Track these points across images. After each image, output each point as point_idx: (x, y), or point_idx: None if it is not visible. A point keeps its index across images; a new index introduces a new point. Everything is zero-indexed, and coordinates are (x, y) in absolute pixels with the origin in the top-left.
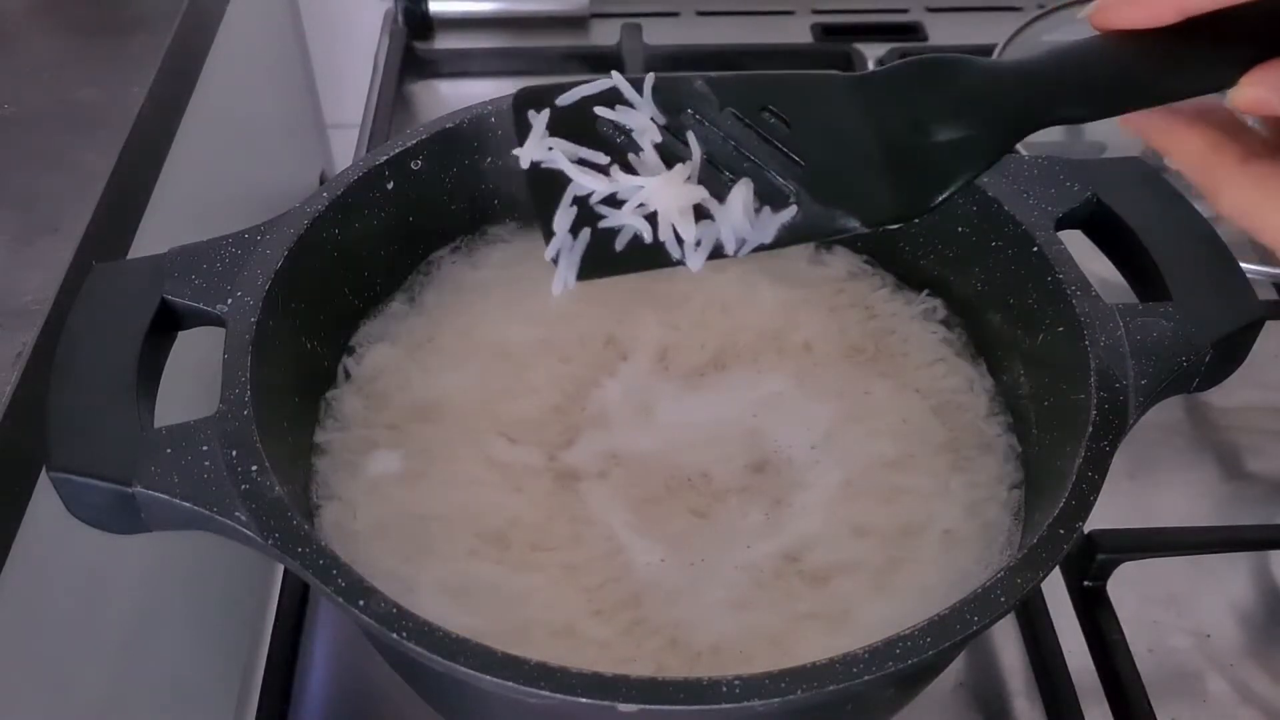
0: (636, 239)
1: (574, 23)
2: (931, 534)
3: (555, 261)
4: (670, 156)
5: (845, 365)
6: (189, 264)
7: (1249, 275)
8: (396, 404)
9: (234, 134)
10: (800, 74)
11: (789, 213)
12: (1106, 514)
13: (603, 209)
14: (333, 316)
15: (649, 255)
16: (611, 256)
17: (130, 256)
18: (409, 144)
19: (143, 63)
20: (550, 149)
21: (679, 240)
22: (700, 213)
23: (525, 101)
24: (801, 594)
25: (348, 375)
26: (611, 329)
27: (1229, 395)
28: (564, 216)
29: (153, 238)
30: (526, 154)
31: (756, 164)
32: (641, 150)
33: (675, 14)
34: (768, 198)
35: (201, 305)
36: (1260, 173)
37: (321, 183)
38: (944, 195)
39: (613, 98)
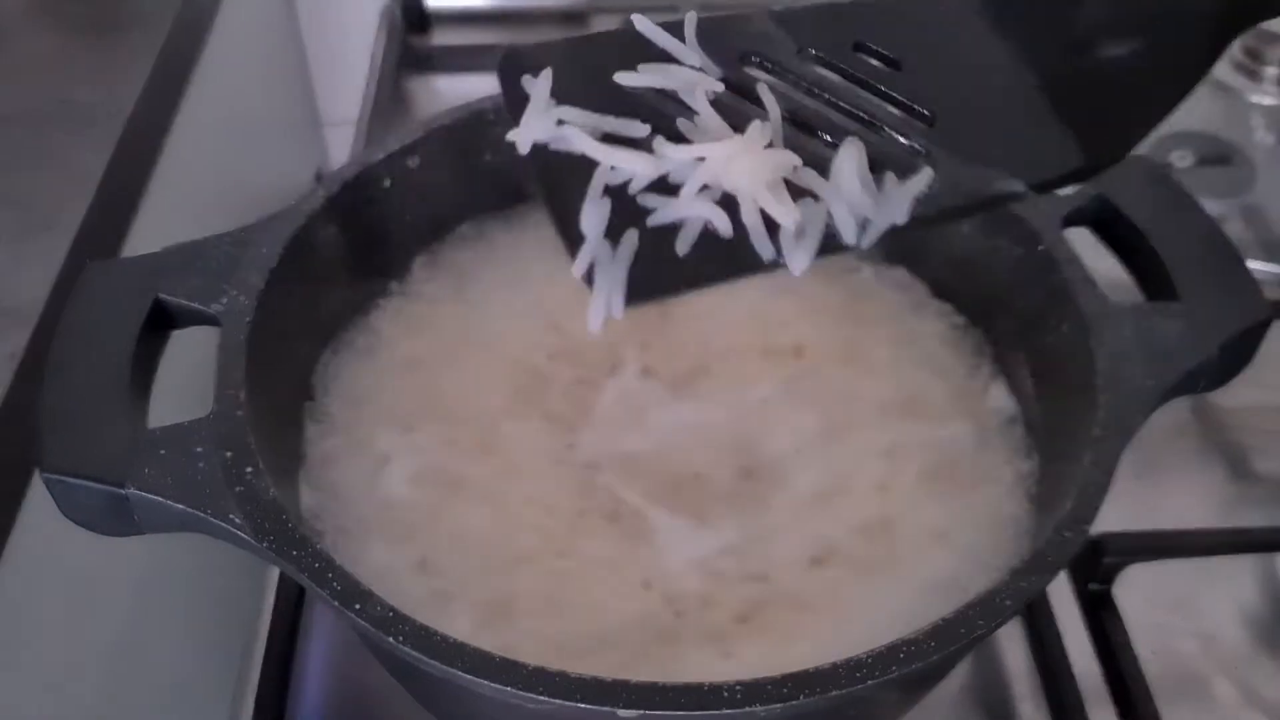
0: (706, 235)
1: (573, 17)
2: (922, 532)
3: (588, 281)
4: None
5: (838, 367)
6: (183, 262)
7: (1256, 274)
8: (394, 404)
9: (229, 131)
10: None
11: (923, 178)
12: (1112, 516)
13: (650, 199)
14: (329, 316)
15: (727, 259)
16: (673, 266)
17: (124, 255)
18: (406, 141)
19: (137, 60)
20: (560, 122)
21: (769, 230)
22: (793, 193)
23: (513, 65)
24: (787, 584)
25: (347, 375)
26: (606, 334)
27: (1236, 395)
28: (594, 212)
29: (147, 236)
30: (526, 134)
31: (861, 120)
32: (695, 113)
33: (674, 9)
34: (885, 162)
35: (196, 304)
36: None
37: (318, 180)
38: (1139, 135)
39: (635, 54)
